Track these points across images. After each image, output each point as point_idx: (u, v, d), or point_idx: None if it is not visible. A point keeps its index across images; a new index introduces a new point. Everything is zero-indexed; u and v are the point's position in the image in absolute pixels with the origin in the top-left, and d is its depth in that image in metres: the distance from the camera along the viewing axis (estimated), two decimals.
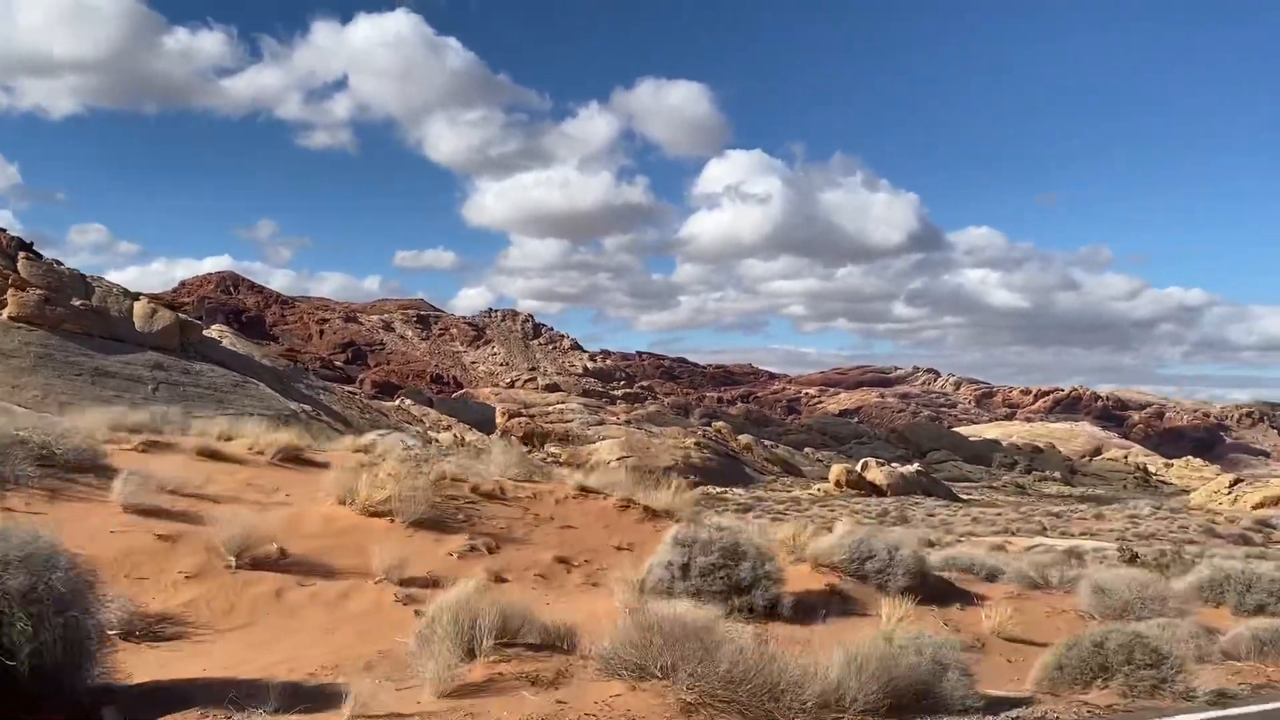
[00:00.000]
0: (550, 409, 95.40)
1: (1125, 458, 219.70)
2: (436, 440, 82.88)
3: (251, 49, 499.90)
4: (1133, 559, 13.70)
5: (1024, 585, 15.35)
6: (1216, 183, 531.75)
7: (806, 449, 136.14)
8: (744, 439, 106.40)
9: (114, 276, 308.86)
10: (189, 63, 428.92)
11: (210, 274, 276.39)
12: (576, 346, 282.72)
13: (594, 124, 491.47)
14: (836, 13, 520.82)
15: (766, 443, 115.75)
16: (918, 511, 66.80)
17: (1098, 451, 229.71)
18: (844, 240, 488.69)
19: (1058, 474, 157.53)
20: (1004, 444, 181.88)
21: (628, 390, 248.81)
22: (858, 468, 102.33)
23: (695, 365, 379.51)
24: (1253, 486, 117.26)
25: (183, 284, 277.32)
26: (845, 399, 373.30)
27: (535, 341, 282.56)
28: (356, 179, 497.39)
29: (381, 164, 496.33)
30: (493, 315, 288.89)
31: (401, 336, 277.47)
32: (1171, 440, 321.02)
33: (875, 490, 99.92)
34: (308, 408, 71.83)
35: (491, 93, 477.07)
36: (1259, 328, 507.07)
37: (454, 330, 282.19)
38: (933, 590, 13.40)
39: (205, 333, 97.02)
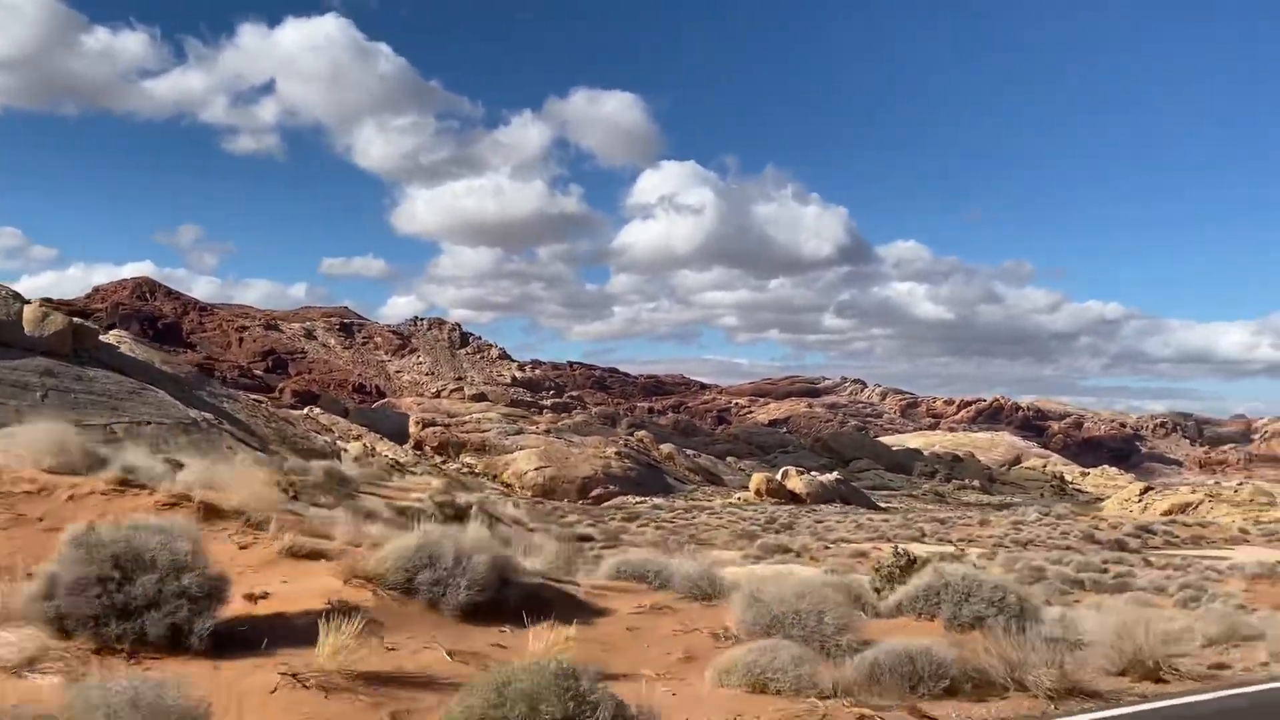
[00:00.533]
0: (468, 419, 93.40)
1: (1044, 467, 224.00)
2: (345, 450, 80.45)
3: (175, 51, 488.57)
4: (908, 565, 12.64)
5: (686, 595, 13.10)
6: (1134, 199, 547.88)
7: (730, 458, 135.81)
8: (666, 448, 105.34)
9: (28, 282, 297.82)
10: (110, 63, 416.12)
11: (126, 280, 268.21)
12: (505, 356, 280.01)
13: (527, 132, 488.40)
14: (769, 28, 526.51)
15: (689, 452, 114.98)
16: (807, 519, 66.27)
17: (1018, 460, 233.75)
18: (775, 252, 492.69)
19: (977, 482, 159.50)
20: (925, 453, 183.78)
21: (556, 400, 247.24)
22: (778, 476, 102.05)
23: (626, 375, 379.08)
24: (1162, 494, 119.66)
25: (97, 290, 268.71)
26: (775, 409, 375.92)
27: (462, 351, 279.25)
28: (283, 185, 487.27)
29: (309, 170, 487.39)
30: (419, 324, 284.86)
31: (324, 345, 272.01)
32: (1090, 450, 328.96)
33: (795, 498, 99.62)
34: (209, 416, 69.04)
35: (423, 99, 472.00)
36: (1175, 340, 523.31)
37: (379, 339, 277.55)
38: (537, 603, 10.72)
39: (103, 338, 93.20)
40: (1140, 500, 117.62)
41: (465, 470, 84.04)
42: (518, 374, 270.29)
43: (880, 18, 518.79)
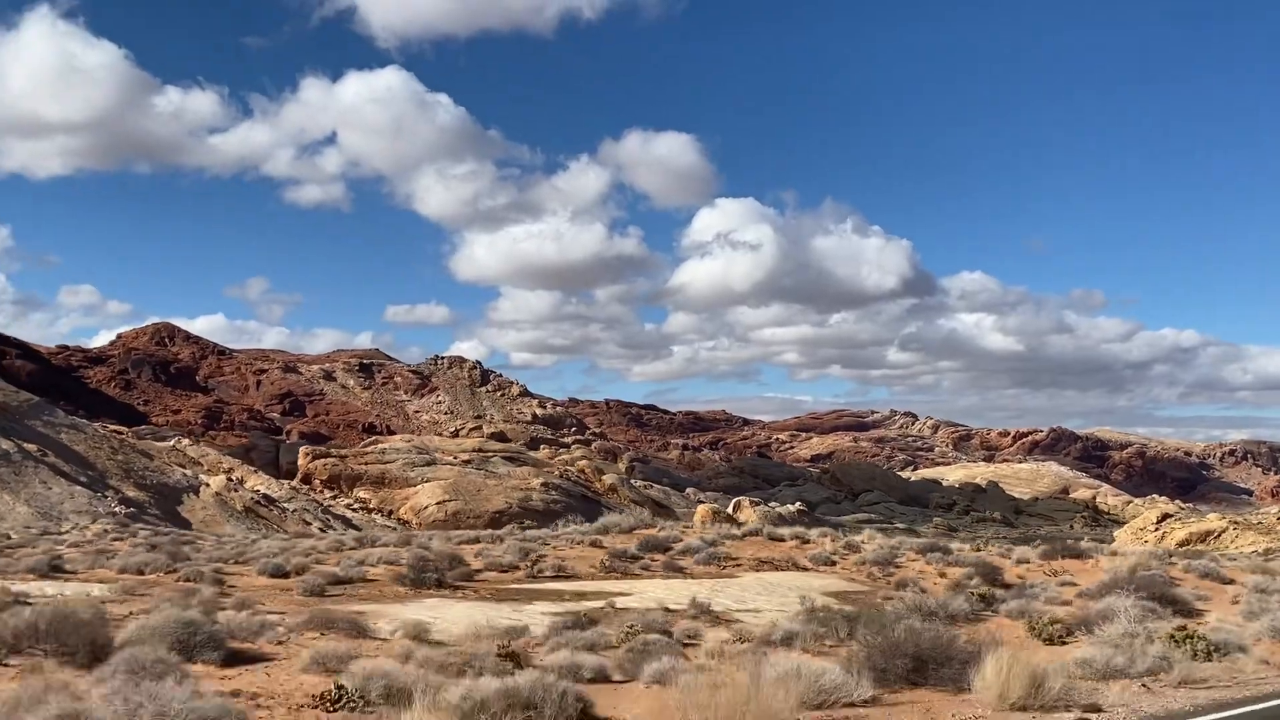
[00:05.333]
0: (369, 451, 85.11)
1: (1094, 498, 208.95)
2: (206, 485, 72.76)
3: (242, 107, 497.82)
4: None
5: None
6: (1209, 225, 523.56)
7: (688, 490, 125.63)
8: (609, 479, 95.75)
9: (105, 337, 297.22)
10: (180, 122, 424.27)
11: (145, 326, 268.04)
12: (526, 393, 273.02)
13: (585, 177, 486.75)
14: (823, 61, 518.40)
15: (636, 483, 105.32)
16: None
17: (1065, 492, 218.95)
18: (836, 287, 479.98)
19: (998, 514, 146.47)
20: (944, 484, 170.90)
21: (578, 437, 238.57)
22: (729, 508, 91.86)
23: (665, 412, 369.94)
24: (1181, 522, 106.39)
25: (119, 336, 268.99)
26: (818, 444, 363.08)
27: (483, 389, 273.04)
28: (347, 234, 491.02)
29: (372, 219, 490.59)
30: (439, 363, 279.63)
31: (343, 386, 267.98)
32: (1153, 480, 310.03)
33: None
34: (31, 447, 62.14)
35: (482, 147, 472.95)
36: (1254, 367, 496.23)
37: (398, 379, 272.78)
38: None
39: None
40: (1157, 529, 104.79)
41: (355, 505, 75.98)
42: (538, 411, 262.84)
43: (938, 47, 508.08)
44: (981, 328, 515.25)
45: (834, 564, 34.90)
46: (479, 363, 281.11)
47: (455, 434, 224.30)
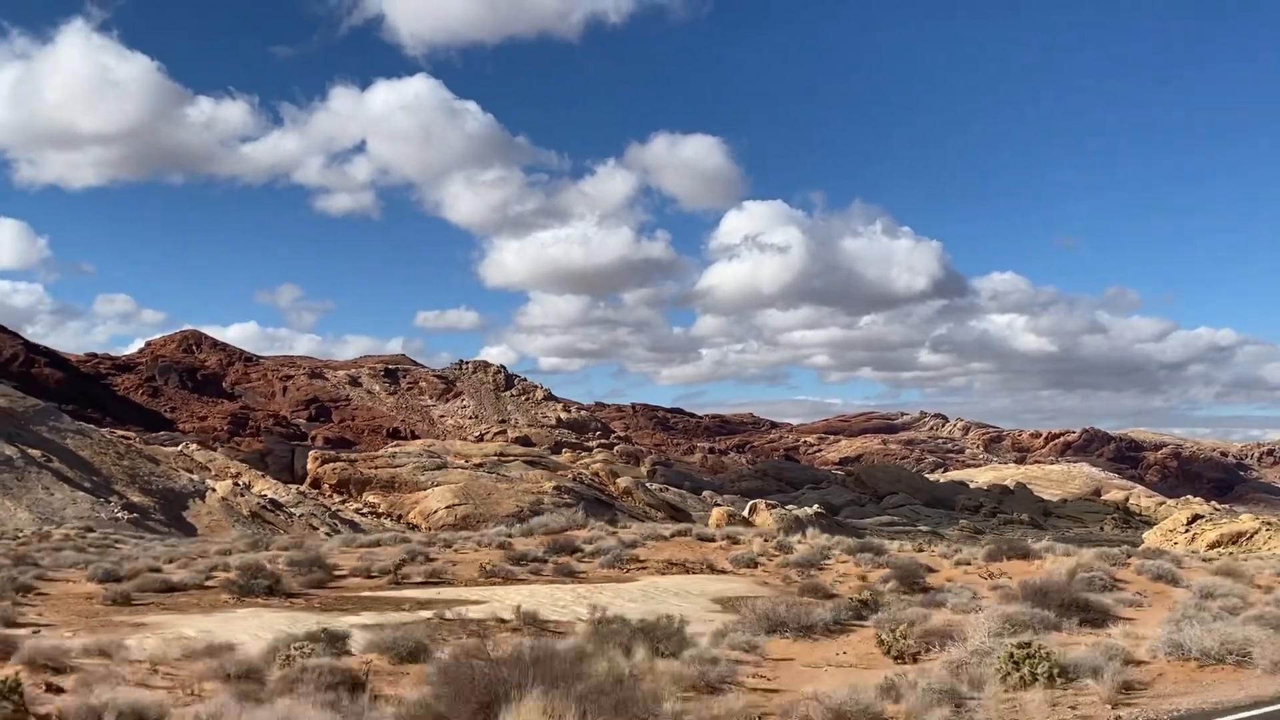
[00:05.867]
0: (380, 454, 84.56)
1: (1126, 499, 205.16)
2: (212, 490, 72.28)
3: (273, 116, 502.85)
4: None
5: None
6: (1245, 221, 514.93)
7: (705, 493, 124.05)
8: (623, 482, 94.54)
9: (139, 345, 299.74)
10: (211, 132, 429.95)
11: (173, 334, 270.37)
12: (550, 397, 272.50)
13: (612, 181, 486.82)
14: (849, 62, 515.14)
15: (652, 486, 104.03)
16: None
17: (1097, 493, 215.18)
18: (866, 288, 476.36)
19: (1025, 516, 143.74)
20: (971, 486, 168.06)
21: (602, 441, 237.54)
22: (744, 511, 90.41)
23: (691, 416, 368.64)
24: (1213, 523, 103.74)
25: (148, 344, 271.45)
26: (846, 446, 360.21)
27: (507, 393, 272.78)
28: (377, 241, 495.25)
29: (401, 226, 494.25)
30: (463, 367, 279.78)
31: (369, 391, 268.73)
32: (1188, 481, 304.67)
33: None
34: (35, 453, 61.89)
35: (510, 154, 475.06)
36: None
37: (423, 384, 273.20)
38: None
39: None
40: (1187, 530, 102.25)
41: (364, 510, 75.29)
42: (563, 415, 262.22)
43: (967, 46, 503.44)
44: (1013, 328, 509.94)
45: (756, 566, 33.21)
46: (503, 367, 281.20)
47: (480, 438, 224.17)
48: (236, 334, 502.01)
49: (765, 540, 38.18)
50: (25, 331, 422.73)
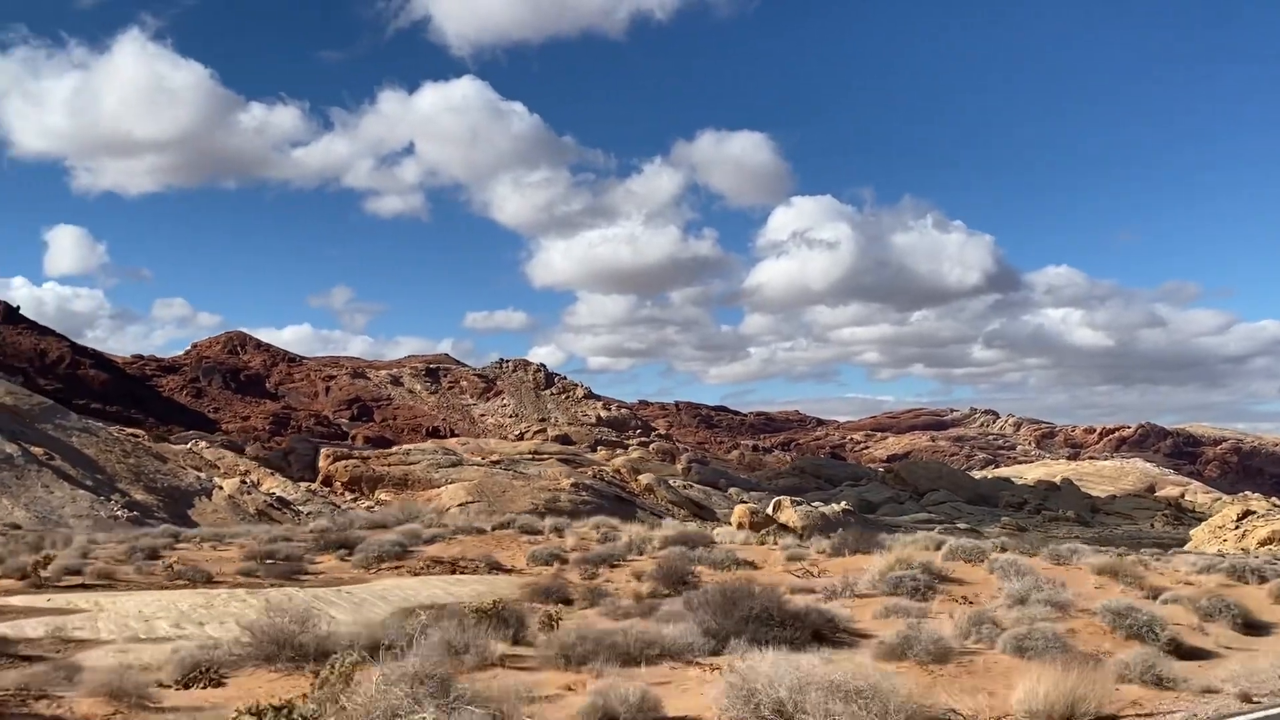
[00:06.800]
0: (394, 452, 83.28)
1: (1182, 495, 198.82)
2: (219, 488, 71.51)
3: (323, 120, 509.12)
4: None
5: None
6: None
7: (731, 490, 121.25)
8: (644, 479, 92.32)
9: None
10: (263, 137, 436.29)
11: (218, 336, 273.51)
12: (590, 395, 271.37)
13: (658, 179, 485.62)
14: (896, 53, 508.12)
15: (675, 483, 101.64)
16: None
17: (1151, 489, 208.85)
18: (917, 284, 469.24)
19: (1071, 513, 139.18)
20: (1017, 483, 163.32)
21: (643, 439, 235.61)
22: (768, 508, 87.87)
23: (735, 413, 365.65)
24: (1265, 519, 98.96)
25: (193, 345, 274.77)
26: (894, 443, 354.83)
27: (547, 391, 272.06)
28: (426, 243, 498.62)
29: (450, 227, 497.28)
30: (503, 366, 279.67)
31: (410, 391, 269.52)
32: (1250, 477, 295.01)
33: (788, 532, 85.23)
34: (38, 451, 61.41)
35: (556, 154, 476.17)
36: None
37: (464, 383, 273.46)
38: None
39: None
40: (1237, 526, 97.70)
41: (374, 508, 74.03)
42: (603, 413, 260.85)
43: (1017, 34, 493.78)
44: (1069, 323, 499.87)
45: (551, 564, 30.33)
46: (543, 366, 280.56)
47: (520, 436, 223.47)
48: (291, 336, 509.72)
49: (578, 537, 35.80)
50: (86, 336, 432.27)
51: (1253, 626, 20.84)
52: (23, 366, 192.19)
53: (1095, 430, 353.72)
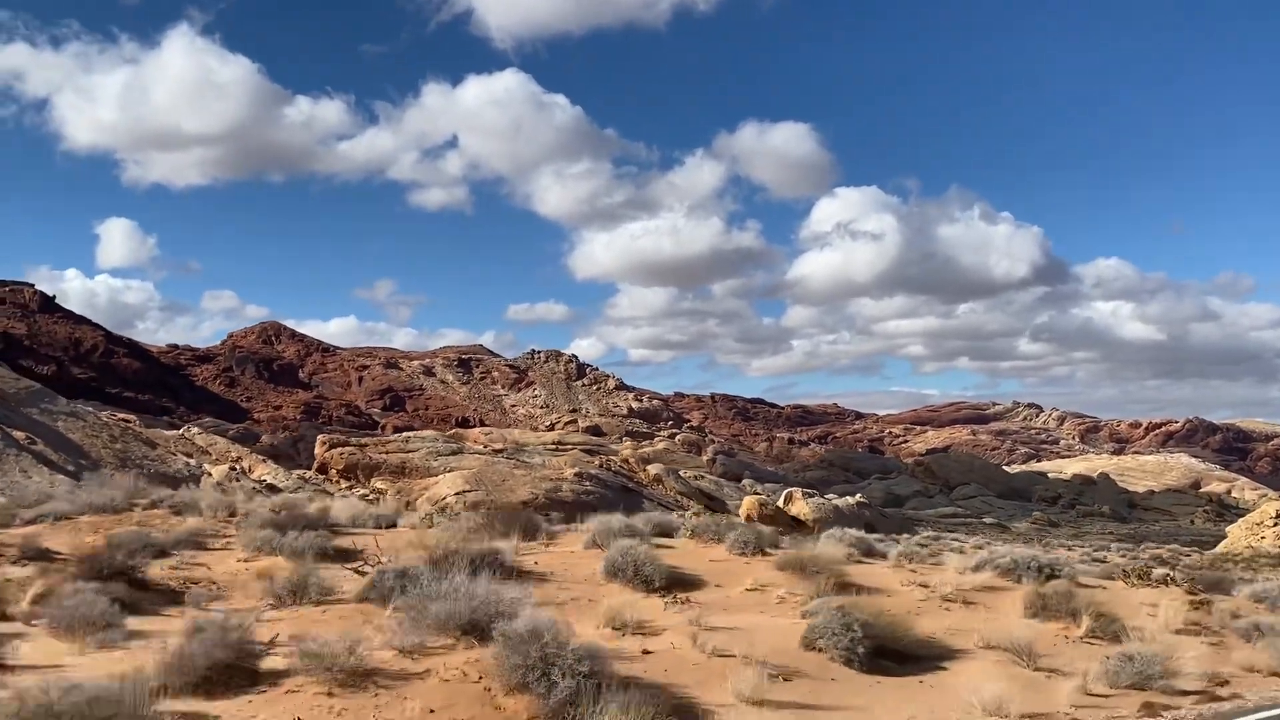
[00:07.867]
0: (393, 439, 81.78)
1: (1228, 491, 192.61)
2: (208, 474, 70.42)
3: (368, 114, 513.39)
4: None
5: None
6: None
7: (745, 482, 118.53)
8: (652, 469, 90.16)
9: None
10: (309, 131, 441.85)
11: (252, 326, 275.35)
12: (621, 386, 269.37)
13: (701, 171, 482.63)
14: (943, 42, 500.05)
15: (685, 473, 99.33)
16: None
17: (1196, 485, 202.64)
18: (963, 276, 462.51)
19: (1106, 508, 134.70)
20: (1053, 477, 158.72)
21: (674, 430, 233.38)
22: (779, 500, 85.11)
23: (772, 406, 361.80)
24: None
25: (229, 335, 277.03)
26: (933, 437, 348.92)
27: (578, 382, 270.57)
28: (469, 235, 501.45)
29: (492, 219, 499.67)
30: (535, 356, 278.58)
31: (442, 381, 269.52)
32: None
33: (799, 525, 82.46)
34: (20, 435, 60.53)
35: (599, 146, 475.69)
36: None
37: (495, 373, 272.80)
38: None
39: None
40: (1276, 523, 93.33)
41: (370, 496, 72.70)
42: (634, 404, 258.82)
43: (1068, 23, 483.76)
44: (1119, 316, 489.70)
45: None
46: (575, 357, 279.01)
47: (550, 427, 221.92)
48: (336, 329, 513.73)
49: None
50: (136, 328, 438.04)
51: (907, 658, 13.66)
52: (57, 355, 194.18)
53: (1141, 425, 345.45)
